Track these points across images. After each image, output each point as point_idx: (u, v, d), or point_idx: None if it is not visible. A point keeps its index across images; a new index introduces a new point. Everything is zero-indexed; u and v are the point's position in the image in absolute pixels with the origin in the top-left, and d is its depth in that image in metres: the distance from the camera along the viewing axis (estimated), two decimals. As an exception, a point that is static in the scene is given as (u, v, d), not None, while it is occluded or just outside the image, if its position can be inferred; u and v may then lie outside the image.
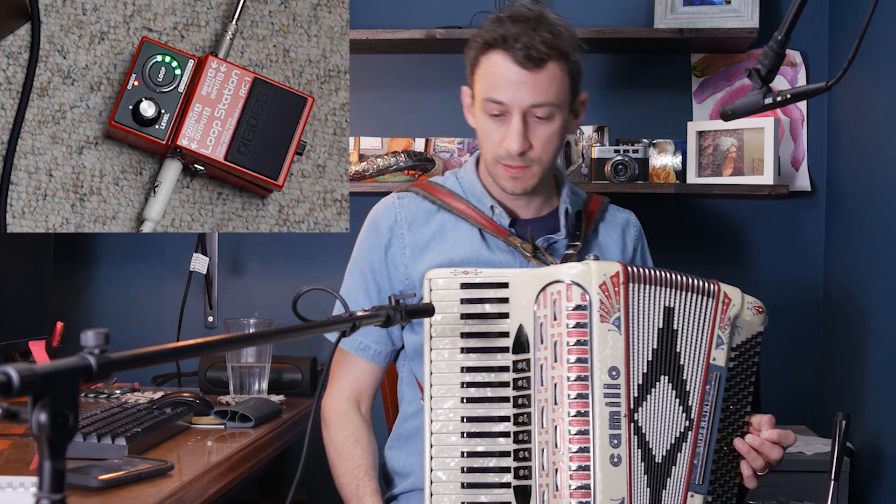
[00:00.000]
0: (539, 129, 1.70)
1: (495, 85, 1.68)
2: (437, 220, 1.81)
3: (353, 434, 1.79)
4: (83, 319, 2.90)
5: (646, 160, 2.68)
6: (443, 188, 1.84)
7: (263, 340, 1.95)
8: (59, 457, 0.81)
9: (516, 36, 1.65)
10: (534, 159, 1.72)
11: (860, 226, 2.49)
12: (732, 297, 1.63)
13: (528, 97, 1.67)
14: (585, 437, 1.51)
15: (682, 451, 1.59)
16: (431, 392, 1.59)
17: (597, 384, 1.52)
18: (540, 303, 1.56)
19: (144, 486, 1.56)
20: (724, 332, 1.62)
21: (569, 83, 1.71)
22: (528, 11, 1.69)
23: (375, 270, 1.81)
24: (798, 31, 1.55)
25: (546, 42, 1.65)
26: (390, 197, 1.85)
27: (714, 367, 1.61)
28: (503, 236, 1.77)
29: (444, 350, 1.59)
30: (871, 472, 2.31)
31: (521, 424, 1.57)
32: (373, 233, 1.83)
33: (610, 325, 1.54)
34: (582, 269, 1.55)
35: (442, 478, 1.57)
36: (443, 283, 1.60)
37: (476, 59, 1.72)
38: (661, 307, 1.59)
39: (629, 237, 1.92)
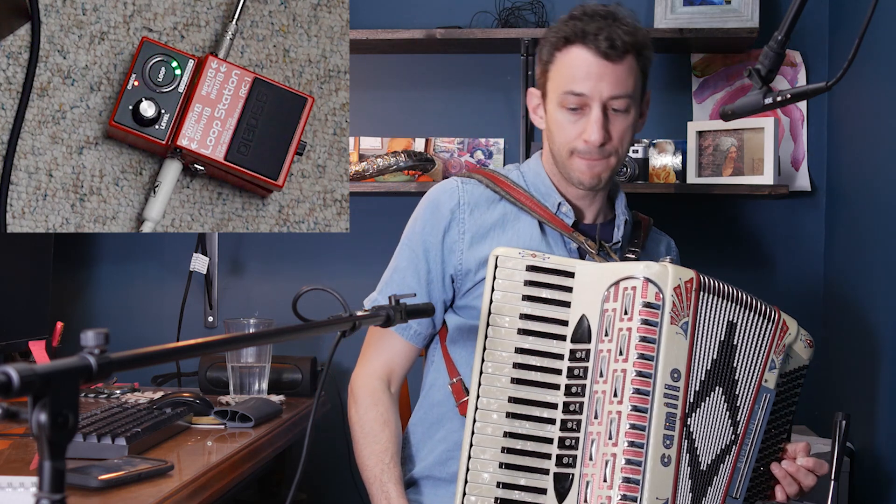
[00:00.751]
0: (616, 120, 1.73)
1: (575, 77, 1.71)
2: (499, 209, 1.81)
3: (383, 415, 1.77)
4: (83, 319, 2.90)
5: (646, 160, 2.68)
6: (507, 179, 1.84)
7: (263, 340, 1.95)
8: (59, 457, 0.81)
9: (596, 29, 1.69)
10: (611, 151, 1.74)
11: (860, 226, 2.49)
12: (790, 326, 1.69)
13: (608, 88, 1.70)
14: (641, 432, 1.53)
15: (726, 462, 1.62)
16: (483, 368, 1.60)
17: (658, 383, 1.54)
18: (611, 295, 1.58)
19: (144, 486, 1.56)
20: (777, 357, 1.67)
21: (641, 79, 1.74)
22: (602, 9, 1.73)
23: (429, 251, 1.80)
24: (798, 31, 1.55)
25: (625, 34, 1.69)
26: (452, 180, 1.84)
27: (765, 389, 1.65)
28: (567, 232, 1.78)
29: (502, 328, 1.61)
30: (871, 472, 2.31)
31: (570, 413, 1.58)
32: (432, 213, 1.82)
33: (678, 328, 1.56)
34: (659, 269, 1.57)
35: (482, 455, 1.58)
36: (510, 262, 1.62)
37: (551, 56, 1.75)
38: (724, 320, 1.62)
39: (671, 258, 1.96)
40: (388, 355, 1.82)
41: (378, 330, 1.81)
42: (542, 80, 1.78)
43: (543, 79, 1.78)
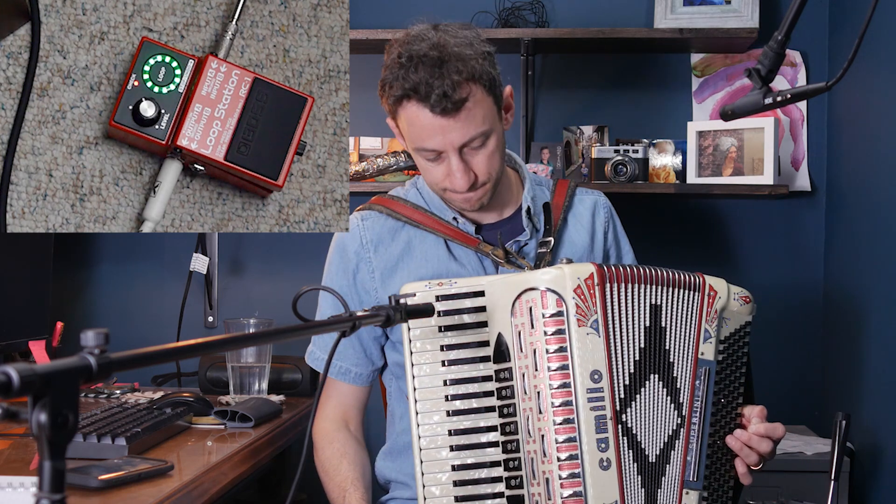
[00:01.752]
0: (478, 156, 1.68)
1: (421, 135, 1.66)
2: (403, 237, 1.80)
3: (339, 450, 1.79)
4: (83, 319, 2.90)
5: (646, 160, 2.68)
6: (405, 202, 1.82)
7: (263, 340, 1.95)
8: (59, 457, 0.81)
9: (427, 83, 1.60)
10: (483, 181, 1.70)
11: (860, 226, 2.49)
12: (718, 290, 1.62)
13: (458, 137, 1.64)
14: (573, 444, 1.49)
15: (676, 448, 1.58)
16: (417, 408, 1.58)
17: (580, 390, 1.50)
18: (516, 311, 1.54)
19: (144, 486, 1.56)
20: (711, 326, 1.61)
21: (491, 97, 1.66)
22: (429, 50, 1.63)
23: (345, 295, 1.80)
24: (798, 31, 1.54)
25: (456, 83, 1.60)
26: (354, 218, 1.83)
27: (703, 362, 1.59)
28: (473, 245, 1.76)
29: (426, 365, 1.58)
30: (871, 472, 2.31)
31: (508, 434, 1.56)
32: (340, 257, 1.83)
33: (588, 328, 1.52)
34: (555, 273, 1.53)
35: (435, 493, 1.56)
36: (419, 296, 1.57)
37: (394, 109, 1.68)
38: (646, 305, 1.57)
39: (598, 221, 1.88)
40: (337, 399, 1.84)
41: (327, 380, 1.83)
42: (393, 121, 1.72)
43: (394, 121, 1.72)
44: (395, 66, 1.65)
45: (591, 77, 2.87)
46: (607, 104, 2.85)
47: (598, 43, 2.72)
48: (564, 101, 2.85)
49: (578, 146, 2.77)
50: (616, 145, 2.71)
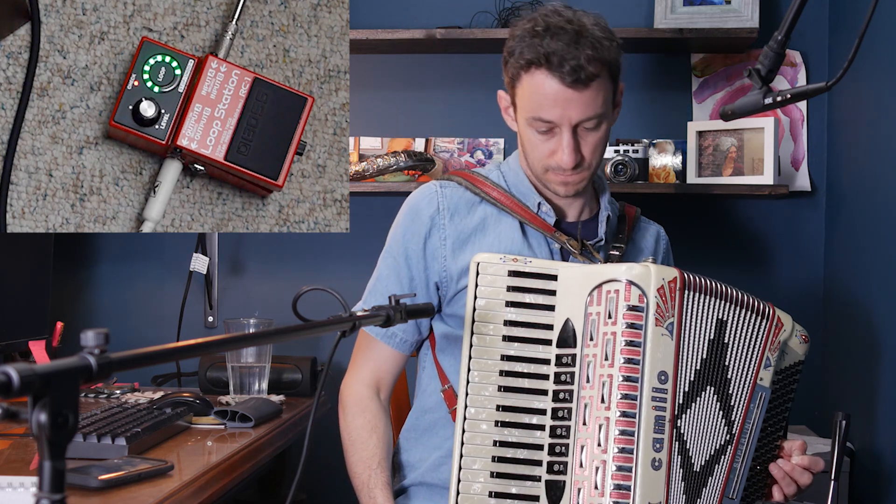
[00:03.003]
0: (588, 138, 1.70)
1: (542, 105, 1.67)
2: (479, 212, 1.79)
3: (370, 422, 1.77)
4: (83, 319, 2.90)
5: (646, 160, 2.68)
6: (487, 179, 1.82)
7: (263, 340, 1.95)
8: (59, 457, 0.81)
9: (561, 55, 1.62)
10: (585, 167, 1.73)
11: (860, 226, 2.49)
12: (784, 323, 1.66)
13: (577, 114, 1.66)
14: (630, 438, 1.51)
15: (721, 463, 1.60)
16: (469, 377, 1.58)
17: (646, 387, 1.52)
18: (594, 299, 1.56)
19: (144, 486, 1.56)
20: (773, 355, 1.64)
21: (612, 86, 1.71)
22: (566, 24, 1.65)
23: (410, 258, 1.79)
24: (798, 31, 1.55)
25: (591, 59, 1.63)
26: (431, 184, 1.82)
27: (760, 387, 1.63)
28: (549, 232, 1.77)
29: (486, 336, 1.59)
30: (871, 472, 2.31)
31: (559, 419, 1.56)
32: (411, 220, 1.80)
33: (664, 329, 1.54)
34: (641, 270, 1.54)
35: (472, 465, 1.57)
36: (491, 268, 1.59)
37: (517, 74, 1.70)
38: (713, 318, 1.60)
39: (660, 248, 1.95)
40: (375, 363, 1.82)
41: (366, 337, 1.82)
42: (511, 90, 1.74)
43: (511, 90, 1.74)
44: (528, 34, 1.67)
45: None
46: (607, 104, 2.84)
47: (598, 43, 2.72)
48: (564, 101, 2.85)
49: (578, 146, 2.77)
50: (616, 145, 2.71)
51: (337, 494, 2.82)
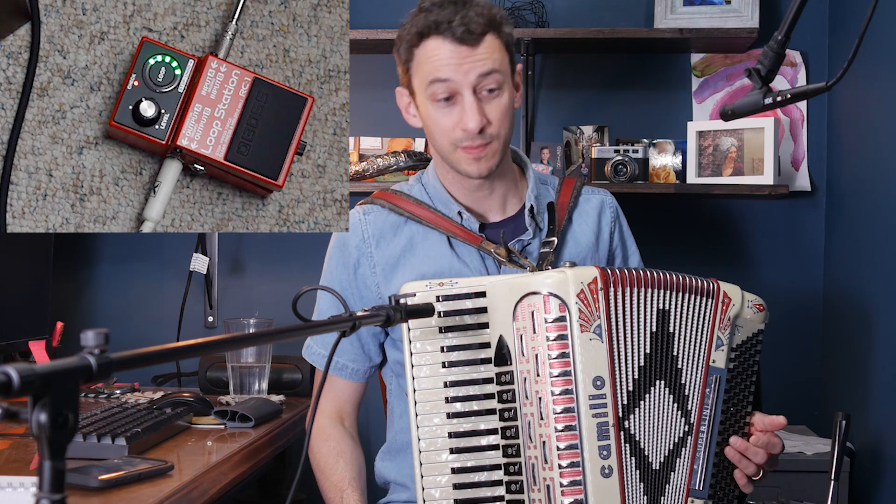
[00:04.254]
0: (492, 102, 1.67)
1: (437, 66, 1.66)
2: (406, 232, 1.78)
3: (335, 449, 1.77)
4: (83, 319, 2.90)
5: (646, 160, 2.68)
6: (409, 197, 1.80)
7: (263, 340, 1.95)
8: (59, 457, 0.81)
9: (449, 17, 1.64)
10: (493, 135, 1.68)
11: (860, 226, 2.49)
12: (732, 297, 1.60)
13: (475, 68, 1.64)
14: (575, 451, 1.48)
15: (682, 456, 1.56)
16: (417, 409, 1.56)
17: (582, 396, 1.48)
18: (518, 315, 1.52)
19: (144, 486, 1.56)
20: (723, 333, 1.59)
21: (507, 55, 1.69)
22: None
23: (345, 290, 1.80)
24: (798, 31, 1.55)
25: (478, 20, 1.64)
26: (355, 212, 1.82)
27: (714, 370, 1.57)
28: (475, 243, 1.74)
29: (426, 366, 1.56)
30: (871, 472, 2.31)
31: (509, 438, 1.54)
32: (339, 252, 1.82)
33: (591, 333, 1.50)
34: (558, 278, 1.50)
35: (434, 495, 1.55)
36: (419, 296, 1.56)
37: (410, 54, 1.70)
38: (653, 310, 1.55)
39: (605, 221, 1.86)
40: (333, 395, 1.83)
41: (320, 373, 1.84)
42: (406, 79, 1.74)
43: (406, 78, 1.74)
44: (415, 13, 1.69)
45: (591, 77, 2.87)
46: (607, 104, 2.84)
47: (597, 43, 2.72)
48: (564, 101, 2.85)
49: (578, 146, 2.77)
50: (616, 145, 2.71)
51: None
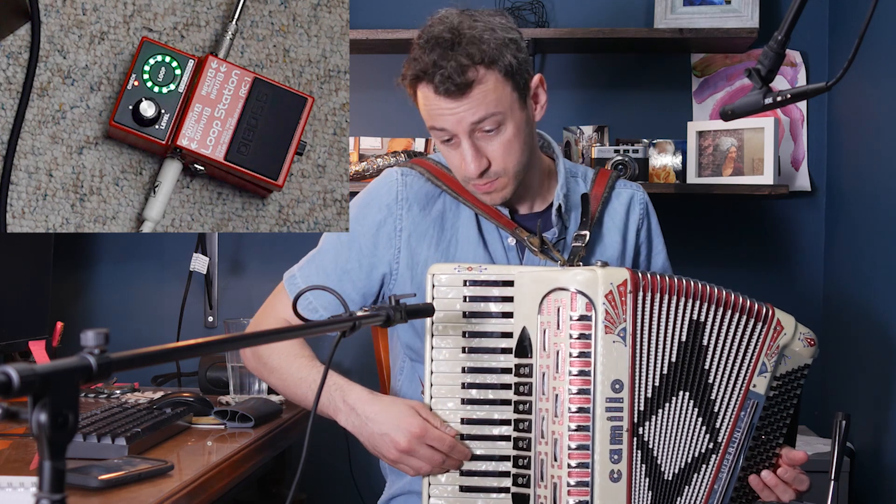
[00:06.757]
0: (493, 142, 1.64)
1: (432, 115, 1.65)
2: (438, 206, 1.77)
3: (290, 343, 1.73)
4: (83, 319, 2.90)
5: (646, 160, 2.68)
6: (447, 170, 1.78)
7: (263, 340, 1.94)
8: (59, 457, 0.81)
9: (433, 66, 1.60)
10: (498, 172, 1.67)
11: (860, 226, 2.49)
12: (785, 326, 1.58)
13: (466, 117, 1.62)
14: (586, 452, 1.47)
15: (702, 472, 1.55)
16: (432, 392, 1.56)
17: (598, 398, 1.48)
18: (543, 309, 1.51)
19: (144, 486, 1.56)
20: (769, 360, 1.57)
21: (509, 84, 1.63)
22: (444, 32, 1.62)
23: (355, 242, 1.78)
24: (798, 31, 1.55)
25: (462, 66, 1.58)
26: (393, 171, 1.80)
27: (753, 394, 1.56)
28: (510, 228, 1.73)
29: (446, 349, 1.56)
30: (871, 472, 2.31)
31: (522, 431, 1.53)
32: (366, 204, 1.80)
33: (615, 336, 1.48)
34: (588, 276, 1.49)
35: (441, 480, 1.55)
36: (446, 279, 1.56)
37: (413, 92, 1.70)
38: (684, 319, 1.53)
39: (632, 217, 1.86)
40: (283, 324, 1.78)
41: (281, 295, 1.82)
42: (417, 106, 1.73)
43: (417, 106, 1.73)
44: (415, 48, 1.67)
45: (590, 77, 2.87)
46: (607, 104, 2.84)
47: (598, 43, 2.72)
48: (564, 101, 2.85)
49: (578, 146, 2.77)
50: (616, 145, 2.71)
51: (337, 494, 2.82)
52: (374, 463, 2.79)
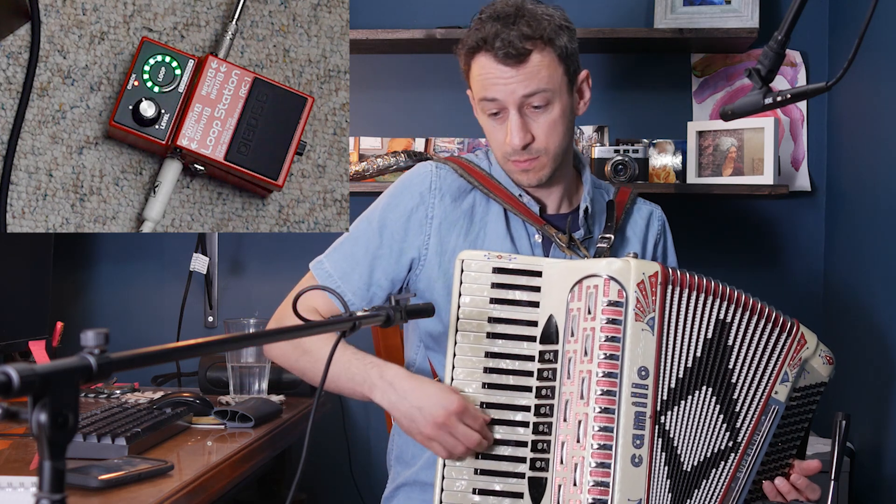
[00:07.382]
0: (539, 118, 1.70)
1: (485, 85, 1.70)
2: (469, 200, 1.80)
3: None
4: (83, 319, 2.90)
5: (646, 160, 2.68)
6: (478, 167, 1.82)
7: (263, 340, 1.95)
8: (59, 457, 0.81)
9: (494, 35, 1.66)
10: (540, 150, 1.72)
11: (860, 226, 2.49)
12: (808, 340, 1.64)
13: (518, 89, 1.67)
14: (609, 434, 1.50)
15: (720, 469, 1.58)
16: (454, 374, 1.58)
17: (625, 382, 1.51)
18: (575, 295, 1.55)
19: (144, 486, 1.56)
20: (791, 370, 1.62)
21: (562, 66, 1.71)
22: (506, 7, 1.70)
23: (386, 227, 1.78)
24: (798, 31, 1.55)
25: (524, 35, 1.65)
26: (427, 164, 1.83)
27: (774, 401, 1.61)
28: (538, 224, 1.76)
29: (471, 333, 1.58)
30: (871, 472, 2.31)
31: (542, 416, 1.56)
32: (400, 192, 1.81)
33: (644, 324, 1.53)
34: (621, 265, 1.54)
35: (456, 462, 1.57)
36: (475, 265, 1.59)
37: (467, 65, 1.74)
38: (711, 317, 1.57)
39: (651, 232, 1.91)
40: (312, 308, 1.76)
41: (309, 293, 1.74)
42: (468, 82, 1.77)
43: (468, 83, 1.77)
44: (474, 24, 1.71)
45: (591, 77, 2.87)
46: (607, 104, 2.84)
47: (597, 43, 2.72)
48: (564, 101, 2.84)
49: (578, 146, 2.77)
50: (616, 145, 2.71)
51: (337, 494, 2.82)
52: (374, 463, 2.79)
